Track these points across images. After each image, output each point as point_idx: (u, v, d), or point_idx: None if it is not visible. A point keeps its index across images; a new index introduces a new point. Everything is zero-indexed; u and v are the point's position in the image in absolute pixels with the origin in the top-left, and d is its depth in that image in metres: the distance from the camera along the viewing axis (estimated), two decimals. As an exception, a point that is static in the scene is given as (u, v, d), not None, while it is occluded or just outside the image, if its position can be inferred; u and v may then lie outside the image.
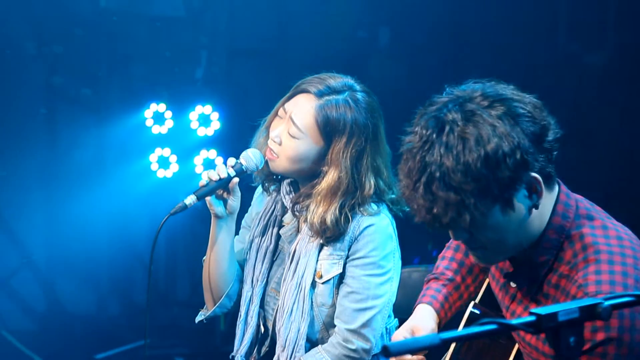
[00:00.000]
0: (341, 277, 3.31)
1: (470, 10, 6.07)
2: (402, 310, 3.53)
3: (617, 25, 5.96)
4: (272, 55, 6.54)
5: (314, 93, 3.27)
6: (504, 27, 5.98)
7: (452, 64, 5.97)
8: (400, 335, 2.91)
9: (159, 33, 6.46)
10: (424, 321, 2.96)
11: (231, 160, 3.34)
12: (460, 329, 2.61)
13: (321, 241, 3.30)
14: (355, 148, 3.24)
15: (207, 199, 3.33)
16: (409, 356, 2.92)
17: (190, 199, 3.28)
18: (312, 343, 3.37)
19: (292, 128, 3.26)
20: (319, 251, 3.32)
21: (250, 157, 3.34)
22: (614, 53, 5.96)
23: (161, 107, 6.29)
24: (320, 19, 6.29)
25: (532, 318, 2.00)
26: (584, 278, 2.43)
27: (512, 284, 2.64)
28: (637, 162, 5.80)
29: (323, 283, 3.32)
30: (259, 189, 3.56)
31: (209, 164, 6.23)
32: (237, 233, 3.55)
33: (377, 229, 3.27)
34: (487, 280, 2.89)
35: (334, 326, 3.32)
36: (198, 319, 3.58)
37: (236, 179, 3.32)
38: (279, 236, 3.46)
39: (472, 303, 2.89)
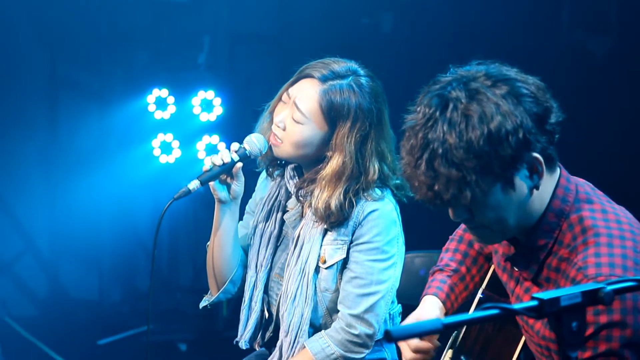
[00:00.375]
0: (345, 262, 3.31)
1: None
2: (405, 296, 3.53)
3: (621, 10, 5.95)
4: (274, 40, 6.53)
5: (317, 78, 3.26)
6: (508, 12, 5.97)
7: (455, 50, 5.95)
8: None
9: (161, 18, 6.45)
10: (429, 312, 2.97)
11: (235, 145, 3.33)
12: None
13: (325, 226, 3.30)
14: (360, 133, 3.23)
15: (211, 184, 3.32)
16: (416, 342, 2.92)
17: (194, 184, 3.27)
18: (315, 328, 3.37)
19: (296, 113, 3.26)
20: (323, 236, 3.31)
21: (253, 142, 3.33)
22: (618, 39, 5.94)
23: (163, 92, 6.29)
24: (323, 4, 6.28)
25: (535, 303, 2.00)
26: (584, 261, 2.43)
27: (515, 268, 2.64)
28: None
29: (327, 268, 3.31)
30: (263, 174, 3.55)
31: (212, 150, 6.23)
32: (241, 218, 3.55)
33: (381, 214, 3.26)
34: (492, 266, 2.89)
35: (337, 311, 3.32)
36: (202, 304, 3.58)
37: (240, 164, 3.31)
38: (282, 221, 3.46)
39: (480, 289, 2.89)
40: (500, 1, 5.95)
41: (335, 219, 3.25)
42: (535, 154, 2.41)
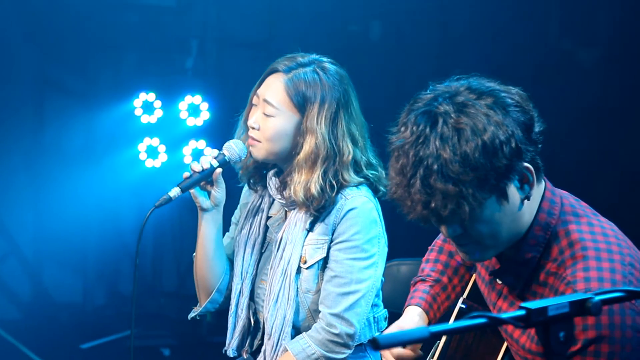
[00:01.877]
0: (325, 262, 3.31)
1: (462, 5, 6.07)
2: (391, 303, 3.52)
3: (610, 21, 5.96)
4: (262, 46, 6.53)
5: (282, 70, 3.32)
6: (496, 21, 5.98)
7: (444, 59, 5.96)
8: None
9: (149, 22, 6.44)
10: (412, 321, 2.96)
11: (214, 152, 3.36)
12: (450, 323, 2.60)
13: (308, 226, 3.30)
14: (329, 112, 3.27)
15: (192, 191, 3.33)
16: (399, 350, 2.91)
17: (175, 192, 3.28)
18: (297, 331, 3.37)
19: (267, 107, 3.29)
20: (305, 237, 3.32)
21: (232, 148, 3.35)
22: (607, 50, 5.95)
23: (150, 96, 6.28)
24: (311, 10, 6.28)
25: (522, 312, 1.99)
26: (573, 275, 2.42)
27: (499, 281, 2.63)
28: (631, 160, 5.80)
29: (307, 268, 3.31)
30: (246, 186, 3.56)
31: (198, 154, 6.21)
32: (227, 230, 3.54)
33: (360, 212, 3.27)
34: (474, 277, 2.88)
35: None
36: (190, 315, 3.57)
37: (219, 170, 3.33)
38: (266, 228, 3.46)
39: (460, 299, 2.88)
40: (488, 11, 5.96)
41: (318, 204, 3.26)
42: (526, 164, 2.40)
